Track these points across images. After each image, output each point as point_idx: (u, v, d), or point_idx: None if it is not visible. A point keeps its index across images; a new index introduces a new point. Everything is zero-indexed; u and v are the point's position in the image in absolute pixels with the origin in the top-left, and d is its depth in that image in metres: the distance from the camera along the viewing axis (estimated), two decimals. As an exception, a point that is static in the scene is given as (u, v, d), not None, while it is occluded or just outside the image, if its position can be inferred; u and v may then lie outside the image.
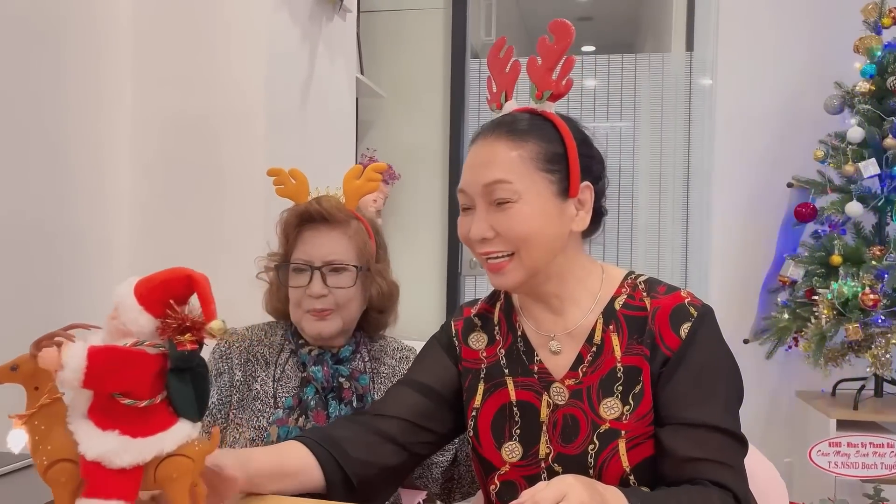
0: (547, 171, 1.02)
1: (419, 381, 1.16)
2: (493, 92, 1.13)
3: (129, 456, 0.73)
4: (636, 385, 1.02)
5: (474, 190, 1.03)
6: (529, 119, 1.05)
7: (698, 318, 1.02)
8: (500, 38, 1.13)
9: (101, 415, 0.73)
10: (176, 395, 0.76)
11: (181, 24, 1.84)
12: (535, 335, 1.11)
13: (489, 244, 1.03)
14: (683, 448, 0.97)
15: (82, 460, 0.72)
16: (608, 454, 1.00)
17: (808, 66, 2.95)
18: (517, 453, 1.07)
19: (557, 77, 1.05)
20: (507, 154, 1.01)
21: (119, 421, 0.73)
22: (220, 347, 1.36)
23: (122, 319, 0.75)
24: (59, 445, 0.72)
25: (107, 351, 0.72)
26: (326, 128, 2.19)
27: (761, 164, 3.02)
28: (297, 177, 1.38)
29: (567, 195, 1.03)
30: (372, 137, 3.46)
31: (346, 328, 1.36)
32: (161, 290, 0.76)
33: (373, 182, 1.40)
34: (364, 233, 1.36)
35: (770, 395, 2.95)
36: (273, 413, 1.29)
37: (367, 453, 1.08)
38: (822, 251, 2.50)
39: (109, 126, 1.77)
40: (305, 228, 1.34)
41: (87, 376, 0.69)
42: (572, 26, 1.04)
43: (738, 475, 0.97)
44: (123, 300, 0.75)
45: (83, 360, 0.69)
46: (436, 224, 3.44)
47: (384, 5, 3.46)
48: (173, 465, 0.76)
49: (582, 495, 0.81)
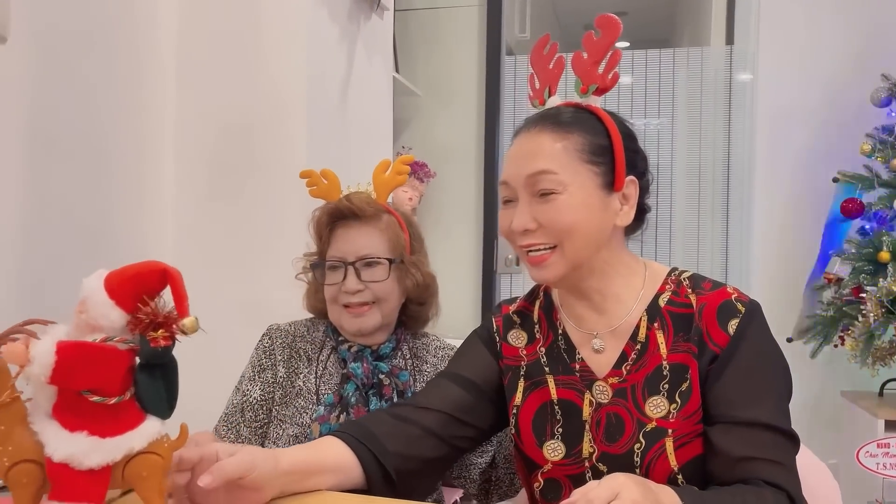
0: (592, 164, 1.01)
1: (460, 374, 1.16)
2: (535, 88, 1.12)
3: (99, 456, 0.71)
4: (683, 383, 1.00)
5: (517, 181, 1.03)
6: (574, 112, 1.05)
7: (746, 314, 1.00)
8: (545, 35, 1.13)
9: (68, 414, 0.71)
10: (146, 391, 0.74)
11: (223, 27, 1.87)
12: (577, 333, 1.10)
13: (531, 236, 1.02)
14: (735, 447, 0.95)
15: (48, 462, 0.70)
16: (655, 453, 0.98)
17: (853, 57, 2.88)
18: (560, 452, 1.06)
19: (603, 71, 1.05)
20: (552, 145, 1.01)
21: (87, 420, 0.71)
22: (262, 343, 1.38)
23: (92, 314, 0.72)
24: (21, 446, 0.69)
25: (76, 346, 0.70)
26: (365, 126, 2.20)
27: (804, 160, 2.96)
28: (328, 177, 1.40)
29: (612, 188, 1.02)
30: (407, 136, 3.47)
31: (386, 322, 1.36)
32: (133, 283, 0.74)
33: (401, 175, 1.40)
34: (396, 225, 1.37)
35: (814, 395, 2.89)
36: (315, 410, 1.30)
37: (407, 447, 1.07)
38: (869, 247, 2.44)
39: (153, 128, 1.81)
40: (338, 226, 1.36)
41: (56, 372, 0.68)
42: (619, 20, 1.03)
43: (790, 474, 0.95)
44: (93, 294, 0.72)
45: (52, 355, 0.68)
46: (471, 222, 3.44)
47: (419, 3, 3.46)
48: (143, 464, 0.74)
49: (634, 493, 0.80)
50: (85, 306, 0.72)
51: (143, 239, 1.78)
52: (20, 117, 1.41)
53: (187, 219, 1.88)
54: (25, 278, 1.43)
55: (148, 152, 1.79)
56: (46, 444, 0.69)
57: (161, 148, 1.84)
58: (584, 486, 0.82)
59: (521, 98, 3.49)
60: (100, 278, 0.73)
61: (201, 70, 1.87)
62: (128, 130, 1.72)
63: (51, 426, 0.70)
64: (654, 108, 3.39)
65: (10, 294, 1.40)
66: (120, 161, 1.70)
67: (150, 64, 1.80)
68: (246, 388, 1.36)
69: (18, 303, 1.42)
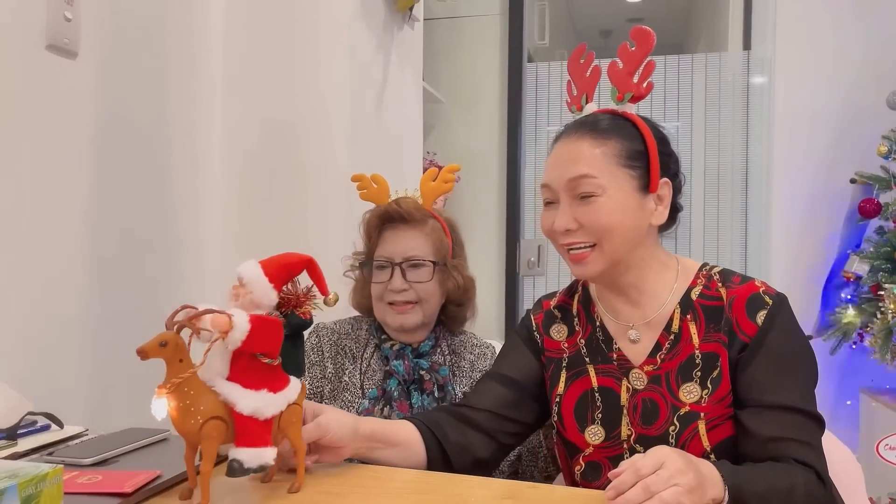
0: (628, 167, 1.08)
1: (503, 373, 1.24)
2: (573, 95, 1.19)
3: (275, 407, 0.87)
4: (714, 370, 1.07)
5: (559, 185, 1.10)
6: (611, 119, 1.12)
7: (774, 306, 1.07)
8: (581, 45, 1.19)
9: (245, 377, 0.85)
10: (290, 356, 0.93)
11: (268, 37, 1.93)
12: (614, 325, 1.17)
13: (572, 235, 1.09)
14: (765, 429, 1.01)
15: (237, 416, 0.84)
16: (689, 435, 1.05)
17: (869, 61, 2.93)
18: (600, 436, 1.12)
19: (638, 80, 1.12)
20: (592, 151, 1.08)
21: (262, 380, 0.87)
22: (310, 340, 1.44)
23: (256, 294, 0.87)
24: (210, 405, 0.82)
25: (258, 319, 0.85)
26: (397, 133, 2.26)
27: (822, 161, 3.01)
28: (378, 181, 1.46)
29: (647, 190, 1.09)
30: (431, 141, 3.54)
31: (427, 321, 1.42)
32: (286, 270, 0.91)
33: (448, 183, 1.48)
34: (440, 230, 1.44)
35: (834, 391, 2.93)
36: (360, 403, 1.36)
37: (463, 438, 1.17)
38: (887, 246, 2.49)
39: (203, 136, 1.87)
40: (386, 228, 1.43)
41: (249, 337, 0.83)
42: (653, 33, 1.10)
43: (818, 453, 1.01)
44: (258, 279, 0.88)
45: (247, 324, 0.83)
46: (493, 226, 3.51)
47: (442, 13, 3.54)
48: (293, 413, 0.91)
49: (678, 462, 0.85)
50: (246, 289, 0.87)
51: (193, 243, 1.84)
52: (88, 125, 1.49)
53: (232, 219, 1.93)
54: (93, 278, 1.51)
55: (198, 159, 1.85)
56: (236, 401, 0.83)
57: (209, 155, 1.90)
58: (632, 457, 0.88)
59: (541, 104, 3.56)
60: (256, 266, 0.89)
61: (248, 79, 1.93)
62: (180, 139, 1.78)
63: (234, 388, 0.84)
64: (672, 112, 3.44)
65: (79, 294, 1.48)
66: (173, 168, 1.75)
67: (201, 76, 1.86)
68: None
69: (88, 301, 1.50)
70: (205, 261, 1.85)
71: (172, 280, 1.74)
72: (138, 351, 0.77)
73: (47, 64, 1.40)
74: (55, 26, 1.40)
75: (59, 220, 1.43)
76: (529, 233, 3.55)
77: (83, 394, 1.47)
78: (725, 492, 0.90)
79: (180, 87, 1.79)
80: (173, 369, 0.80)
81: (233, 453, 0.85)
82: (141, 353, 0.77)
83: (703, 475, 0.88)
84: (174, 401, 0.80)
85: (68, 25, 1.43)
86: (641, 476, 0.84)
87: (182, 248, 1.79)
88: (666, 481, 0.83)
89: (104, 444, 1.04)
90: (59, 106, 1.43)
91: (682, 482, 0.83)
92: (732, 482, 0.91)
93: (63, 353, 1.44)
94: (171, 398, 0.80)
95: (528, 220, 3.56)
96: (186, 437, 0.83)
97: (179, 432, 0.83)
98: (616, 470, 0.87)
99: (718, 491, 0.90)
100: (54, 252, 1.42)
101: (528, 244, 3.50)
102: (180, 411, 0.80)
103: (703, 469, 0.90)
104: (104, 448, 1.02)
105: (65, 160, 1.44)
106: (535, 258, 3.48)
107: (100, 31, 1.51)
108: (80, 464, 0.96)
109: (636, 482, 0.84)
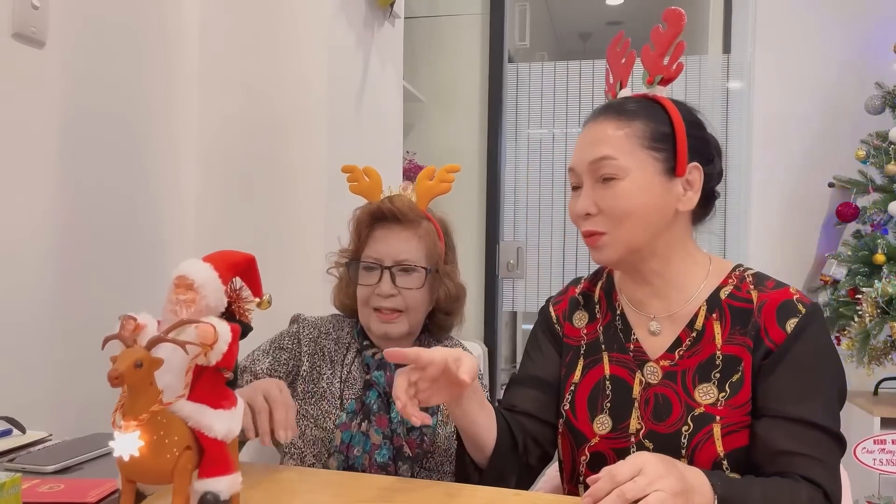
0: (653, 150, 1.04)
1: (531, 375, 1.20)
2: (609, 83, 1.16)
3: (238, 425, 0.76)
4: (734, 374, 1.02)
5: (582, 167, 1.07)
6: (638, 102, 1.08)
7: (806, 316, 1.02)
8: (619, 32, 1.16)
9: (209, 395, 0.73)
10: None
11: (245, 30, 1.90)
12: (635, 315, 1.13)
13: (590, 221, 1.06)
14: (778, 440, 0.97)
15: (208, 442, 0.72)
16: (702, 437, 1.01)
17: (848, 66, 2.95)
18: (607, 426, 1.08)
19: (668, 61, 1.09)
20: (615, 133, 1.05)
21: (221, 397, 0.75)
22: (291, 328, 1.39)
23: (211, 298, 0.75)
24: (183, 434, 0.70)
25: (233, 328, 0.74)
26: (377, 130, 2.23)
27: (800, 165, 3.02)
28: (370, 174, 1.40)
29: (674, 174, 1.05)
30: (411, 141, 3.51)
31: (412, 331, 1.36)
32: (234, 271, 0.81)
33: (446, 183, 1.40)
34: (434, 234, 1.37)
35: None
36: (338, 416, 1.30)
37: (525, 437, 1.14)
38: (864, 250, 2.50)
39: (177, 130, 1.83)
40: (377, 227, 1.35)
41: (227, 351, 0.71)
42: (684, 13, 1.07)
43: (830, 472, 0.97)
44: (211, 281, 0.76)
45: (229, 334, 0.72)
46: (473, 227, 3.48)
47: (423, 11, 3.52)
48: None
49: (659, 468, 0.83)
50: (204, 292, 0.74)
51: (169, 242, 1.81)
52: (55, 119, 1.45)
53: (209, 218, 1.90)
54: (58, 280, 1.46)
55: (172, 153, 1.82)
56: (210, 425, 0.71)
57: (185, 149, 1.86)
58: (609, 465, 0.86)
59: (522, 105, 3.54)
60: (207, 266, 0.76)
61: (224, 73, 1.90)
62: (154, 134, 1.75)
63: (202, 409, 0.72)
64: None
65: (43, 296, 1.43)
66: (147, 164, 1.72)
67: (176, 68, 1.83)
68: (256, 356, 1.36)
69: (52, 303, 1.45)
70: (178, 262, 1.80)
71: (142, 282, 1.70)
72: (112, 377, 0.63)
73: (13, 53, 1.35)
74: (22, 14, 1.35)
75: (23, 219, 1.38)
76: (509, 235, 3.54)
77: (47, 398, 1.42)
78: (715, 502, 0.88)
79: (154, 80, 1.75)
80: (143, 395, 0.66)
81: (204, 485, 0.72)
82: (116, 379, 0.63)
83: (687, 481, 0.86)
84: (147, 434, 0.66)
85: (35, 13, 1.38)
86: (618, 483, 0.82)
87: (154, 248, 1.75)
88: (644, 488, 0.81)
89: (68, 451, 0.99)
90: (25, 98, 1.38)
91: (663, 487, 0.82)
92: (723, 493, 0.89)
93: (26, 355, 1.39)
94: (144, 432, 0.65)
95: (507, 222, 3.54)
96: (155, 475, 0.69)
97: (144, 473, 0.69)
98: (594, 476, 0.85)
99: (707, 501, 0.88)
100: (17, 253, 1.37)
101: (508, 246, 3.48)
102: (153, 447, 0.67)
103: (690, 476, 0.88)
104: (68, 455, 0.97)
105: (30, 156, 1.40)
106: (514, 260, 3.47)
107: (69, 19, 1.47)
108: (42, 471, 0.92)
109: (612, 489, 0.82)
